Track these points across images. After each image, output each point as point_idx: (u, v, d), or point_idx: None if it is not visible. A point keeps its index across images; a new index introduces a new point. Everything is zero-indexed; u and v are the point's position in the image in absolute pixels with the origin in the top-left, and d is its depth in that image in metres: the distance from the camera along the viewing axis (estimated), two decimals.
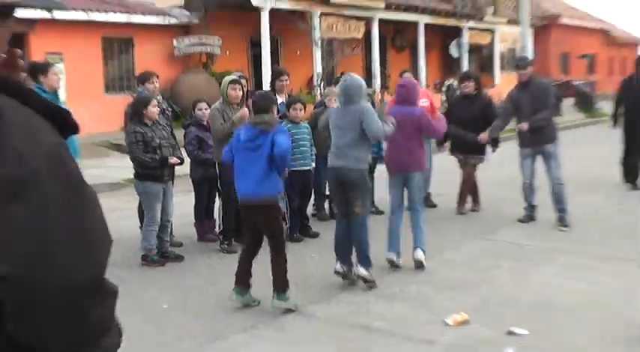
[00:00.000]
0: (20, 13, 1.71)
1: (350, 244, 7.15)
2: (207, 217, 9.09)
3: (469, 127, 10.11)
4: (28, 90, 1.57)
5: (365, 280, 6.98)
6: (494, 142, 10.44)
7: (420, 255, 7.63)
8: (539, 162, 9.65)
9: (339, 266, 7.12)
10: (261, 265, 6.52)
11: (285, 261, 6.41)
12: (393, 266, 7.65)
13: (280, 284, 6.34)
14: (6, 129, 1.44)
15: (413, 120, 7.63)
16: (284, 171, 6.83)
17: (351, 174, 6.99)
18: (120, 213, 10.08)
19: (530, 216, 9.77)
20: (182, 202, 9.36)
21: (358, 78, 7.29)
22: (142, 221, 8.26)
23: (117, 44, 20.71)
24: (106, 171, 14.76)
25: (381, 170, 10.29)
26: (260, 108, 6.53)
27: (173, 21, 21.57)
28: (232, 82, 8.45)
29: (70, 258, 1.45)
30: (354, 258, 7.16)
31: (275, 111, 6.72)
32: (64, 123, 1.60)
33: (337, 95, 7.37)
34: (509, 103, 9.78)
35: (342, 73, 24.43)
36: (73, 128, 1.63)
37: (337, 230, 7.26)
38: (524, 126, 9.42)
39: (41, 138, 1.49)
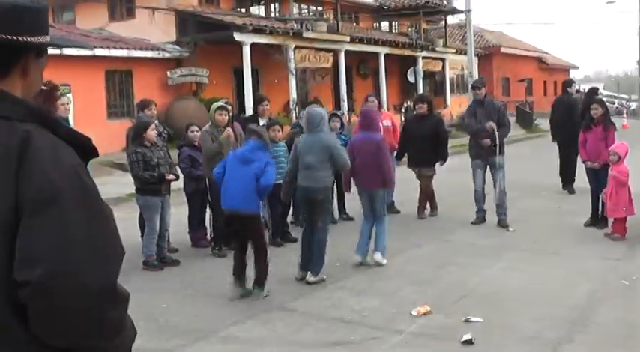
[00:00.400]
0: None
1: (309, 253, 7.16)
2: (199, 226, 9.02)
3: (422, 142, 10.15)
4: (56, 121, 1.60)
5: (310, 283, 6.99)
6: (444, 156, 10.40)
7: (378, 257, 7.68)
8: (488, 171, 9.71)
9: (298, 273, 7.15)
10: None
11: (266, 260, 6.63)
12: (362, 264, 7.66)
13: (260, 278, 6.62)
14: (35, 155, 1.48)
15: (373, 144, 7.65)
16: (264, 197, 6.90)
17: (317, 193, 7.02)
18: (123, 224, 9.93)
19: (481, 218, 9.81)
20: (177, 213, 9.27)
21: (317, 109, 7.39)
22: (142, 230, 8.18)
23: (118, 76, 20.55)
24: (110, 187, 14.61)
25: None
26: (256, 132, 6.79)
27: (167, 55, 21.46)
28: (219, 108, 8.43)
29: (87, 266, 1.45)
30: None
31: (272, 134, 6.95)
32: (87, 149, 1.63)
33: (303, 124, 7.41)
34: (472, 115, 9.73)
35: (314, 98, 24.57)
36: (94, 151, 1.66)
37: (303, 238, 7.31)
38: (486, 142, 9.43)
39: (64, 161, 1.51)
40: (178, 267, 7.92)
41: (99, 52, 19.33)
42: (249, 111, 20.11)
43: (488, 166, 9.65)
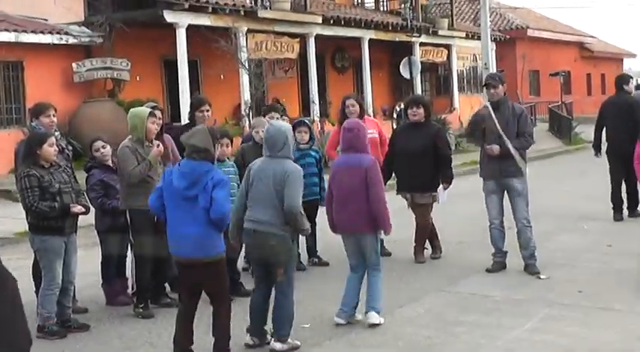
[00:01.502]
0: None
1: (264, 315, 7.25)
2: (117, 276, 9.00)
3: (415, 159, 10.23)
4: None
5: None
6: (447, 178, 10.53)
7: (373, 318, 7.73)
8: (506, 198, 9.82)
9: (248, 339, 7.24)
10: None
11: (229, 317, 6.83)
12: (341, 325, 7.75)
13: (222, 345, 6.76)
14: None
15: (360, 169, 7.71)
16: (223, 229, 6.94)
17: (270, 238, 7.06)
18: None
19: (500, 264, 9.87)
20: (86, 258, 9.27)
21: (281, 125, 7.42)
22: (37, 283, 8.14)
23: (3, 68, 20.50)
24: None
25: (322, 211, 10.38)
26: (198, 149, 6.70)
27: (72, 41, 21.45)
28: (151, 114, 8.43)
29: None
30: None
31: (214, 151, 6.90)
32: None
33: (263, 143, 7.44)
34: (478, 124, 9.86)
35: (274, 100, 24.73)
36: None
37: (252, 298, 7.39)
38: (495, 149, 9.55)
39: None
40: (88, 333, 7.90)
41: None
42: (185, 118, 20.16)
43: (505, 191, 9.76)
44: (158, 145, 8.34)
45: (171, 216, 6.77)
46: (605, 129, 13.44)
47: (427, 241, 10.82)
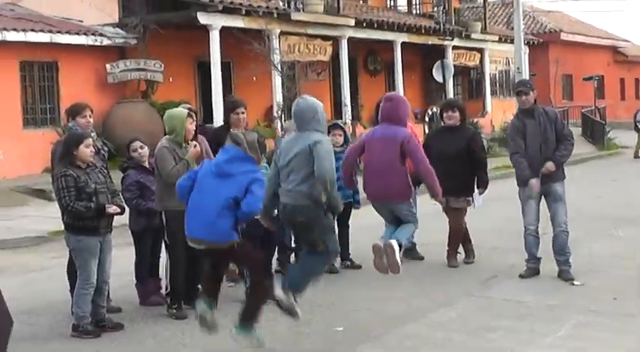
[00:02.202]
0: None
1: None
2: (150, 276, 9.04)
3: (450, 163, 10.19)
4: None
5: (280, 305, 7.07)
6: (482, 183, 10.50)
7: (393, 241, 7.81)
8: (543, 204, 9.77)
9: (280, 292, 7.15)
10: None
11: (265, 293, 6.83)
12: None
13: (249, 315, 6.76)
14: None
15: (396, 141, 7.70)
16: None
17: (299, 213, 7.08)
18: (45, 274, 10.02)
19: (534, 269, 9.80)
20: (120, 258, 9.32)
21: (313, 100, 7.39)
22: (72, 283, 8.20)
23: (38, 69, 20.69)
24: (26, 221, 14.68)
25: (357, 214, 10.40)
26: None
27: (106, 42, 21.63)
28: (189, 115, 8.52)
29: None
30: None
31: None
32: None
33: (291, 120, 7.49)
34: (518, 136, 9.63)
35: None
36: None
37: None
38: (550, 166, 9.41)
39: None
40: (122, 333, 7.95)
41: (10, 36, 19.46)
42: (218, 120, 20.25)
43: (543, 196, 9.71)
44: (195, 146, 8.40)
45: (195, 197, 6.79)
46: None
47: (460, 245, 10.79)
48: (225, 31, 21.91)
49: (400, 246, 7.88)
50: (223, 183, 6.65)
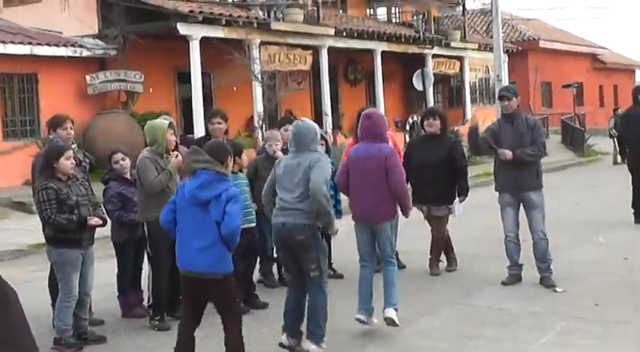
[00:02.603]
0: None
1: (300, 314, 7.29)
2: (133, 288, 9.03)
3: (432, 172, 10.24)
4: None
5: None
6: (463, 191, 10.54)
7: (391, 313, 7.79)
8: (522, 211, 9.81)
9: (285, 339, 7.25)
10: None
11: (240, 329, 6.63)
12: (363, 323, 7.82)
13: None
14: None
15: (380, 157, 7.74)
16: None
17: (299, 231, 7.09)
18: (26, 287, 9.91)
19: (516, 276, 9.84)
20: (102, 270, 9.28)
21: (310, 122, 7.49)
22: (54, 296, 8.17)
23: (18, 81, 20.61)
24: (6, 235, 14.59)
25: (338, 222, 10.38)
26: (211, 161, 6.68)
27: (86, 53, 21.58)
28: (170, 125, 8.58)
29: None
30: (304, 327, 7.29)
31: (231, 164, 6.87)
32: None
33: (289, 142, 7.52)
34: (490, 135, 9.83)
35: (287, 112, 24.75)
36: None
37: (288, 297, 7.41)
38: (508, 154, 9.50)
39: None
40: (104, 346, 7.91)
41: None
42: (198, 130, 20.24)
43: (520, 204, 9.76)
44: (177, 156, 8.40)
45: (181, 228, 6.69)
46: (627, 141, 13.84)
47: (442, 253, 10.81)
48: (205, 42, 21.90)
49: (396, 309, 7.88)
50: (204, 213, 6.53)
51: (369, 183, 7.78)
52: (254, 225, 9.22)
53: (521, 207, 9.79)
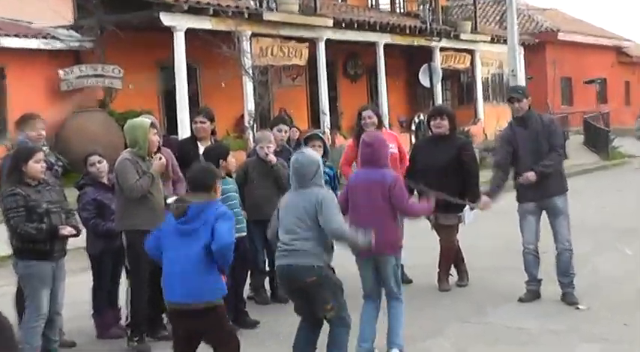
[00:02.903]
0: None
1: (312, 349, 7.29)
2: (109, 305, 9.00)
3: (440, 176, 10.16)
4: None
5: None
6: (474, 197, 10.44)
7: None
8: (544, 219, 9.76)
9: None
10: None
11: None
12: None
13: None
14: None
15: (383, 185, 7.71)
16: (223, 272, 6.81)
17: (308, 273, 7.05)
18: None
19: (534, 292, 9.81)
20: (75, 285, 9.24)
21: (312, 154, 7.45)
22: (20, 314, 8.10)
23: None
24: None
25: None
26: (198, 186, 6.61)
27: (59, 45, 21.53)
28: (152, 125, 8.52)
29: None
30: None
31: (219, 189, 6.82)
32: None
33: (290, 177, 7.46)
34: (505, 147, 9.80)
35: (282, 111, 24.75)
36: None
37: (298, 336, 7.38)
38: (531, 176, 9.46)
39: None
40: None
41: None
42: (183, 130, 20.20)
43: (545, 212, 9.71)
44: (160, 158, 8.36)
45: (167, 256, 6.62)
46: None
47: (452, 266, 10.77)
48: (190, 33, 21.87)
49: (401, 349, 7.84)
50: (191, 239, 6.47)
51: (371, 212, 7.70)
52: (244, 234, 9.16)
53: (544, 215, 9.74)
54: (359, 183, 7.91)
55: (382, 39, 29.08)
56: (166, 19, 21.49)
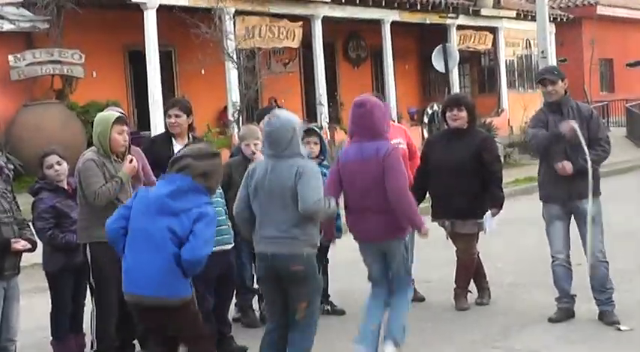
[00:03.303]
0: None
1: None
2: (72, 330, 9.00)
3: (456, 177, 10.20)
4: None
5: None
6: (496, 201, 10.47)
7: (389, 349, 7.84)
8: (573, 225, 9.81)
9: None
10: None
11: None
12: None
13: None
14: None
15: (378, 163, 7.73)
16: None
17: (290, 263, 7.12)
18: None
19: (566, 311, 9.82)
20: (31, 308, 9.28)
21: (288, 116, 7.47)
22: None
23: None
24: None
25: (337, 244, 10.40)
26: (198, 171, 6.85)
27: (7, 26, 21.46)
28: (118, 120, 8.46)
29: None
30: None
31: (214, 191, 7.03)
32: None
33: (263, 144, 7.54)
34: (540, 125, 9.73)
35: (271, 101, 24.76)
36: None
37: (264, 341, 7.51)
38: (567, 166, 9.48)
39: None
40: None
41: None
42: (157, 125, 20.21)
43: (573, 216, 9.75)
44: (131, 160, 8.36)
45: (133, 240, 6.74)
46: None
47: (471, 282, 10.82)
48: (163, 12, 21.88)
49: (398, 344, 7.92)
50: (165, 220, 6.59)
51: (367, 195, 7.75)
52: (230, 247, 9.16)
53: (573, 220, 9.78)
54: (349, 161, 7.92)
55: (389, 16, 29.04)
56: None
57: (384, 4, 28.52)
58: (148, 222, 6.67)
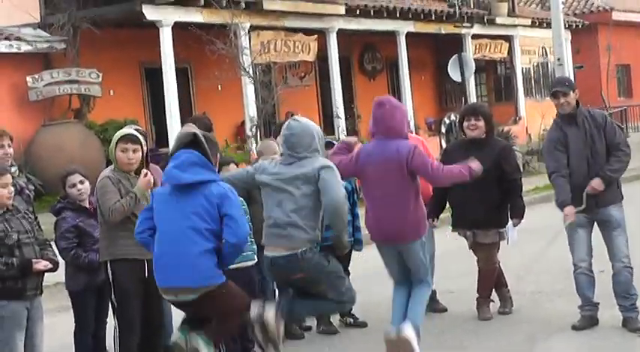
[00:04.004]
0: None
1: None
2: (95, 349, 9.01)
3: (476, 187, 10.16)
4: None
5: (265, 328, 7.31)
6: (518, 211, 10.51)
7: (407, 331, 7.89)
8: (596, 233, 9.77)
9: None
10: None
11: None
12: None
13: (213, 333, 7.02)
14: None
15: (399, 161, 7.72)
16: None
17: (294, 268, 7.15)
18: None
19: (590, 318, 9.78)
20: (54, 327, 9.28)
21: (307, 122, 7.50)
22: None
23: None
24: None
25: (358, 257, 10.40)
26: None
27: (25, 48, 21.55)
28: (122, 138, 8.43)
29: None
30: None
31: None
32: None
33: (282, 147, 7.57)
34: (559, 148, 9.66)
35: (288, 115, 24.77)
36: None
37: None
38: (597, 185, 9.40)
39: None
40: None
41: None
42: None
43: (596, 223, 9.72)
44: (146, 174, 8.32)
45: (163, 238, 6.83)
46: None
47: (493, 291, 10.79)
48: (179, 29, 21.91)
49: (418, 331, 7.94)
50: (188, 203, 6.71)
51: (388, 197, 7.75)
52: (252, 263, 9.12)
53: (596, 227, 9.74)
54: (370, 161, 7.93)
55: (404, 27, 29.05)
56: (150, 12, 21.51)
57: (398, 15, 28.54)
58: (170, 209, 6.77)
